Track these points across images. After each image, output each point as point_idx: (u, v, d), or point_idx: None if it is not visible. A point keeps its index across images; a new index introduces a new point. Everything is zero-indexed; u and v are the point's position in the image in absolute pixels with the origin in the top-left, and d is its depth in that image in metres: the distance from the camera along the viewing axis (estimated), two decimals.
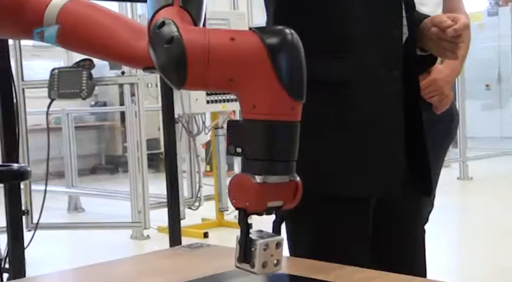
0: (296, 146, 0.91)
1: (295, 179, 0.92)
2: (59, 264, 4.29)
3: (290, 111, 0.89)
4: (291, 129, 0.90)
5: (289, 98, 0.88)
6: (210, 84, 0.91)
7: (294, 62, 0.89)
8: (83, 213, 6.31)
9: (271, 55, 0.88)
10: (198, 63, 0.89)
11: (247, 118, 0.90)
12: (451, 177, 7.29)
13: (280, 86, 0.88)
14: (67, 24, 1.26)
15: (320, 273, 1.06)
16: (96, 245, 4.84)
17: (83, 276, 1.12)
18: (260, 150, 0.89)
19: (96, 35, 1.14)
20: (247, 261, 0.91)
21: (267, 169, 0.89)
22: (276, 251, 0.92)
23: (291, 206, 0.93)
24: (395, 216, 1.55)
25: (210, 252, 1.26)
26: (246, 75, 0.89)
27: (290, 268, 1.10)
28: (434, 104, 2.07)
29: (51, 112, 4.16)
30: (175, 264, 1.18)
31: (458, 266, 4.17)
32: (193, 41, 0.90)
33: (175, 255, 1.27)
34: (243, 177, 0.90)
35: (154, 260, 1.24)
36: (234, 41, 0.90)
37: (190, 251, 1.26)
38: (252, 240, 0.91)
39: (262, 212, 0.90)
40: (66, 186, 6.33)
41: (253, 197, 0.89)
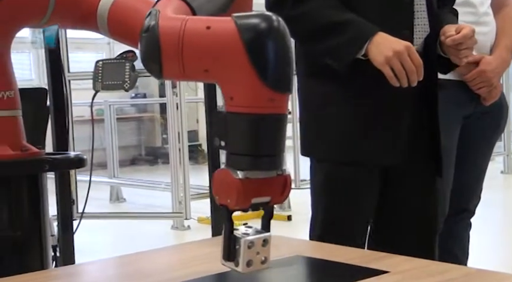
0: (282, 140, 0.86)
1: (283, 173, 0.87)
2: (102, 252, 4.38)
3: (269, 104, 0.83)
4: (272, 122, 0.84)
5: (267, 89, 0.82)
6: (188, 74, 0.86)
7: (273, 51, 0.83)
8: (124, 203, 6.42)
9: (247, 44, 0.82)
10: (172, 52, 0.85)
11: (227, 110, 0.85)
12: (495, 170, 7.18)
13: (256, 76, 0.82)
14: (117, 16, 1.30)
15: (372, 262, 1.07)
16: (138, 234, 4.92)
17: (128, 264, 1.15)
18: (241, 145, 0.85)
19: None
20: (232, 260, 0.87)
21: (250, 164, 0.84)
22: (263, 249, 0.88)
23: (279, 202, 0.89)
24: (405, 195, 1.65)
25: None
26: (221, 66, 0.84)
27: (340, 256, 1.12)
28: (483, 95, 2.05)
29: (93, 104, 4.22)
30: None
31: (502, 258, 4.11)
32: (167, 29, 0.86)
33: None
34: (225, 172, 0.85)
35: (201, 248, 1.26)
36: (209, 30, 0.84)
37: None
38: (236, 237, 0.87)
39: (247, 209, 0.86)
40: (109, 176, 6.44)
41: (234, 193, 0.85)
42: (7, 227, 1.27)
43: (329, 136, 1.62)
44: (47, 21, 1.31)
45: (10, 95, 1.29)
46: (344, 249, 1.20)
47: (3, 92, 1.27)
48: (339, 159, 1.61)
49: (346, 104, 1.59)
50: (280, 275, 1.06)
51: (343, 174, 1.62)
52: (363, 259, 1.10)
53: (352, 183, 1.62)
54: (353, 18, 1.53)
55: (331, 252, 1.15)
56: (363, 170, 1.61)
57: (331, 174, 1.64)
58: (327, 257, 1.12)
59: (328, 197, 1.65)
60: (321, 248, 1.19)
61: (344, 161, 1.61)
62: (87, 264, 1.20)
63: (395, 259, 1.09)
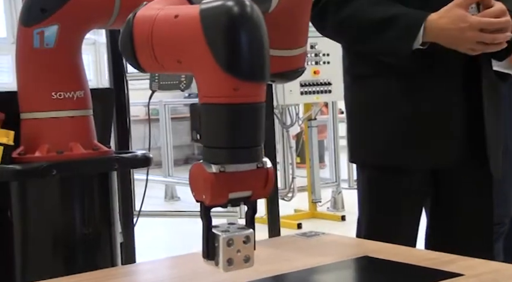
0: (256, 130, 0.81)
1: (264, 165, 0.82)
2: (157, 250, 4.44)
3: (233, 93, 0.78)
4: (240, 112, 0.79)
5: (230, 78, 0.78)
6: (164, 66, 0.84)
7: (234, 38, 0.78)
8: (178, 202, 6.49)
9: (206, 32, 0.78)
10: (143, 43, 0.83)
11: (200, 102, 0.81)
12: None
13: (217, 65, 0.78)
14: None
15: (444, 264, 1.05)
16: (192, 232, 4.96)
17: (193, 262, 1.15)
18: (212, 137, 0.81)
19: None
20: (212, 258, 0.83)
21: (222, 157, 0.80)
22: (245, 246, 0.83)
23: (263, 196, 0.84)
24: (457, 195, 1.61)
25: (327, 241, 1.27)
26: (189, 56, 0.80)
27: (409, 258, 1.10)
28: None
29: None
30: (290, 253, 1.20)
31: None
32: (141, 20, 0.83)
33: (290, 242, 1.29)
34: (199, 167, 0.81)
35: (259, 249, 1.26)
36: (176, 19, 0.81)
37: (306, 239, 1.28)
38: (215, 234, 0.82)
39: (225, 204, 0.82)
40: (163, 175, 6.52)
41: (209, 188, 0.80)
42: (79, 224, 1.30)
43: (373, 141, 1.59)
44: (113, 22, 1.33)
45: (80, 95, 1.32)
46: (412, 251, 1.18)
47: (73, 92, 1.30)
48: (382, 164, 1.59)
49: (393, 108, 1.56)
50: (352, 277, 1.05)
51: (387, 180, 1.60)
52: (433, 261, 1.08)
53: (396, 188, 1.59)
54: (400, 10, 1.50)
55: (400, 254, 1.13)
56: (408, 174, 1.58)
57: (374, 179, 1.62)
58: (395, 259, 1.10)
59: (372, 202, 1.64)
60: (388, 249, 1.17)
61: (388, 166, 1.58)
62: (151, 262, 1.21)
63: (469, 262, 1.06)
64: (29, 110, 1.30)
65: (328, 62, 4.80)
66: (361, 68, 1.61)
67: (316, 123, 5.50)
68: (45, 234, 1.30)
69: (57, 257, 1.30)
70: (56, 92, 1.28)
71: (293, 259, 1.14)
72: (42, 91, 1.29)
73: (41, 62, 1.29)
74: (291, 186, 5.35)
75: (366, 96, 1.60)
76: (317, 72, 4.79)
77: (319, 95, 4.95)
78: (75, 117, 1.31)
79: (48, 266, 1.29)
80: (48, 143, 1.28)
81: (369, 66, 1.58)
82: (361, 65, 1.61)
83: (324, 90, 4.92)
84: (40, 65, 1.30)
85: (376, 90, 1.58)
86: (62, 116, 1.29)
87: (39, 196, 1.30)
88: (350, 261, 1.10)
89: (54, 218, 1.30)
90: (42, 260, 1.30)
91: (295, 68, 1.19)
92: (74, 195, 1.31)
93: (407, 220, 1.63)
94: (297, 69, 1.19)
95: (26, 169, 1.24)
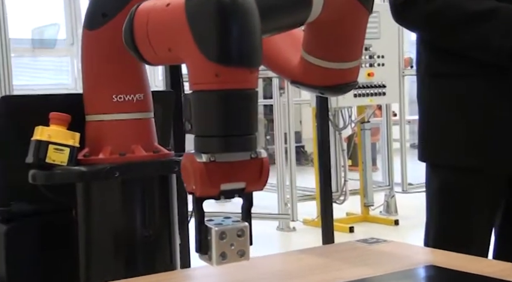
0: (248, 118, 0.79)
1: (258, 156, 0.80)
2: None
3: (214, 79, 0.76)
4: (226, 99, 0.77)
5: (210, 63, 0.76)
6: (159, 55, 0.82)
7: (215, 23, 0.76)
8: (229, 203, 6.51)
9: (188, 18, 0.77)
10: (141, 33, 0.82)
11: (189, 90, 0.80)
12: None
13: (198, 51, 0.76)
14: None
15: None
16: None
17: (240, 271, 1.14)
18: (201, 126, 0.78)
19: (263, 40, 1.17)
20: (205, 252, 0.80)
21: (214, 146, 0.77)
22: (239, 240, 0.79)
23: (258, 188, 0.81)
24: None
25: (389, 248, 1.25)
26: (177, 43, 0.80)
27: (478, 268, 1.07)
28: None
29: None
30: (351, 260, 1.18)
31: None
32: (141, 12, 0.83)
33: (351, 250, 1.27)
34: (189, 157, 0.78)
35: (338, 253, 1.24)
36: (168, 7, 0.80)
37: (367, 246, 1.26)
38: (208, 227, 0.79)
39: (217, 196, 0.80)
40: None
41: (198, 178, 0.77)
42: (140, 226, 1.31)
43: (452, 141, 1.55)
44: None
45: (140, 98, 1.33)
46: (482, 261, 1.14)
47: (133, 95, 1.31)
48: (461, 165, 1.54)
49: (477, 108, 1.51)
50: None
51: (462, 182, 1.55)
52: (505, 272, 1.04)
53: (471, 192, 1.55)
54: (497, 4, 1.43)
55: (468, 263, 1.10)
56: (486, 177, 1.54)
57: (449, 181, 1.57)
58: (463, 269, 1.07)
59: (444, 205, 1.59)
60: (456, 258, 1.14)
61: (465, 168, 1.54)
62: (206, 267, 1.21)
63: None
64: (92, 112, 1.32)
65: (382, 64, 4.74)
66: (443, 66, 1.55)
67: (369, 125, 5.44)
68: (108, 235, 1.31)
69: (118, 258, 1.32)
70: (117, 95, 1.29)
71: (354, 267, 1.12)
72: (103, 94, 1.30)
73: (102, 65, 1.31)
74: (343, 189, 5.31)
75: (448, 95, 1.55)
76: (371, 75, 4.73)
77: (373, 97, 4.89)
78: (136, 119, 1.32)
79: (110, 267, 1.30)
80: (111, 145, 1.29)
81: (453, 64, 1.53)
82: (443, 63, 1.55)
83: (378, 92, 4.86)
84: (101, 68, 1.31)
85: (459, 89, 1.52)
86: (122, 118, 1.31)
87: (102, 197, 1.31)
88: (414, 271, 1.07)
89: (116, 219, 1.31)
90: (105, 260, 1.31)
91: (346, 82, 1.16)
92: (135, 197, 1.32)
93: (480, 226, 1.57)
94: (349, 83, 1.16)
95: (90, 171, 1.26)
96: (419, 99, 1.64)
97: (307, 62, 1.15)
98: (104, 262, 1.31)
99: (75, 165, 1.26)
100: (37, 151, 1.24)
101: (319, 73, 1.14)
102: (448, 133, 1.56)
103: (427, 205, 1.64)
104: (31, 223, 1.37)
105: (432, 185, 1.62)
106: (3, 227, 1.35)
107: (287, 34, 1.17)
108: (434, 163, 1.61)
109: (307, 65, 1.15)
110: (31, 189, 1.29)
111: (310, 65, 1.14)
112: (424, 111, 1.63)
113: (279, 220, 5.15)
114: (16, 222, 1.36)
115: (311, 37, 1.14)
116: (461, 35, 1.47)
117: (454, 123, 1.55)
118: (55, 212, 1.37)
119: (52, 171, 1.25)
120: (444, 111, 1.57)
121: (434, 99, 1.60)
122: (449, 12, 1.46)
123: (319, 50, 1.13)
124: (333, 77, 1.14)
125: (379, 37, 4.50)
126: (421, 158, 1.63)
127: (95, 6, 1.33)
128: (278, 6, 0.99)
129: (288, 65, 1.19)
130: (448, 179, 1.57)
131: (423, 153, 1.62)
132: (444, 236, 1.57)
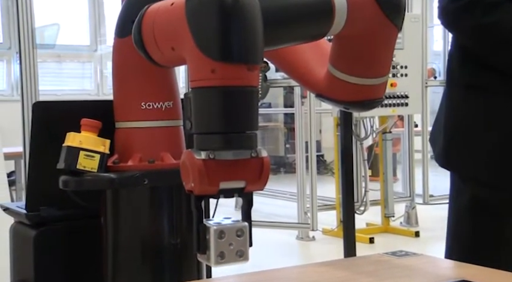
0: (248, 115, 0.77)
1: (259, 154, 0.78)
2: None
3: (211, 75, 0.75)
4: (224, 95, 0.76)
5: (206, 59, 0.75)
6: (165, 55, 0.82)
7: (212, 20, 0.76)
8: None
9: (187, 14, 0.77)
10: (148, 32, 0.83)
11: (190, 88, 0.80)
12: None
13: (196, 47, 0.76)
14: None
15: None
16: (263, 243, 4.97)
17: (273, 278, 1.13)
18: (199, 122, 0.78)
19: (290, 50, 1.15)
20: (203, 252, 0.79)
21: (213, 142, 0.76)
22: (238, 240, 0.78)
23: (258, 188, 0.79)
24: None
25: (419, 262, 1.23)
26: (178, 41, 0.80)
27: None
28: None
29: None
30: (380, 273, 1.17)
31: None
32: (149, 13, 0.84)
33: (381, 262, 1.26)
34: (188, 154, 0.77)
35: (362, 266, 1.23)
36: (172, 6, 0.81)
37: (397, 259, 1.24)
38: (206, 227, 0.78)
39: (216, 195, 0.78)
40: None
41: (197, 175, 0.76)
42: (168, 234, 1.31)
43: (486, 155, 1.52)
44: None
45: (169, 106, 1.33)
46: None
47: (162, 102, 1.32)
48: (494, 181, 1.51)
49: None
50: None
51: (493, 197, 1.51)
52: None
53: (501, 207, 1.51)
54: None
55: (499, 278, 1.08)
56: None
57: (482, 195, 1.53)
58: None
59: (472, 219, 1.55)
60: (487, 273, 1.12)
61: (499, 184, 1.50)
62: (226, 278, 1.20)
63: None
64: (122, 119, 1.33)
65: (405, 75, 4.72)
66: (483, 79, 1.52)
67: (391, 136, 5.41)
68: (135, 242, 1.31)
69: (145, 265, 1.32)
70: (145, 103, 1.30)
71: (385, 280, 1.11)
72: (133, 101, 1.31)
73: (131, 73, 1.31)
74: (364, 200, 5.28)
75: (485, 109, 1.52)
76: (394, 85, 4.71)
77: (396, 107, 4.86)
78: (165, 127, 1.32)
79: (137, 275, 1.30)
80: (140, 152, 1.30)
81: (494, 79, 1.49)
82: (483, 76, 1.51)
83: (400, 103, 4.83)
84: (130, 76, 1.32)
85: (497, 105, 1.49)
86: (151, 126, 1.31)
87: (131, 204, 1.32)
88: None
89: (144, 226, 1.31)
90: (132, 268, 1.32)
91: (372, 98, 1.15)
92: (163, 204, 1.32)
93: (510, 244, 1.54)
94: (375, 99, 1.15)
95: (120, 178, 1.26)
96: (449, 106, 1.60)
97: (333, 76, 1.13)
98: (130, 269, 1.31)
99: (105, 172, 1.27)
100: (68, 157, 1.24)
101: (344, 88, 1.13)
102: (483, 147, 1.52)
103: (453, 216, 1.61)
104: (60, 228, 1.37)
105: (461, 198, 1.58)
106: (32, 231, 1.36)
107: (316, 46, 1.16)
108: (464, 176, 1.59)
109: (333, 79, 1.14)
110: (60, 195, 1.29)
111: (336, 79, 1.13)
112: (451, 118, 1.58)
113: (299, 229, 5.14)
114: (45, 227, 1.37)
115: (338, 51, 1.13)
116: (508, 53, 1.44)
117: (489, 138, 1.51)
118: (83, 218, 1.38)
119: (82, 177, 1.25)
120: (481, 123, 1.53)
121: (467, 110, 1.55)
122: (505, 27, 1.42)
123: (345, 65, 1.12)
124: (358, 92, 1.13)
125: (402, 47, 4.48)
126: (446, 166, 1.59)
127: (126, 14, 1.34)
128: (297, 16, 0.98)
129: (313, 78, 1.18)
130: (481, 192, 1.53)
131: (449, 163, 1.59)
132: (473, 249, 1.54)
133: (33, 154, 1.39)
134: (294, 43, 1.07)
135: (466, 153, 1.56)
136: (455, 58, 1.58)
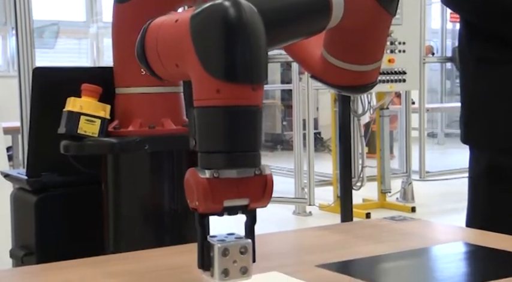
0: (252, 135, 0.78)
1: (262, 172, 0.80)
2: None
3: (215, 95, 0.76)
4: (226, 115, 0.76)
5: (212, 79, 0.76)
6: (169, 71, 0.83)
7: (217, 39, 0.76)
8: None
9: (192, 32, 0.77)
10: (152, 48, 0.83)
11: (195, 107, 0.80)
12: None
13: (200, 66, 0.76)
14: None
15: None
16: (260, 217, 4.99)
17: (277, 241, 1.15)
18: (204, 142, 0.78)
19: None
20: (207, 269, 0.80)
21: (217, 161, 0.77)
22: (242, 257, 0.79)
23: (261, 205, 0.81)
24: None
25: (417, 225, 1.25)
26: (182, 59, 0.80)
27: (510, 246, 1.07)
28: None
29: None
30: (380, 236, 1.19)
31: None
32: (152, 27, 0.84)
33: (380, 226, 1.27)
34: (193, 172, 0.79)
35: (361, 229, 1.25)
36: (176, 23, 0.81)
37: (395, 223, 1.26)
38: (210, 244, 0.79)
39: (221, 213, 0.79)
40: None
41: (201, 194, 0.77)
42: (168, 199, 1.32)
43: (500, 122, 1.52)
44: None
45: None
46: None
47: None
48: (508, 149, 1.51)
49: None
50: (446, 261, 1.02)
51: (510, 165, 1.52)
52: None
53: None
54: None
55: (502, 241, 1.09)
56: None
57: (497, 162, 1.54)
58: (496, 246, 1.06)
59: (490, 189, 1.56)
60: (489, 236, 1.13)
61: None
62: None
63: None
64: (122, 85, 1.33)
65: (403, 51, 4.70)
66: (492, 51, 1.53)
67: (388, 112, 5.41)
68: (136, 207, 1.32)
69: (146, 230, 1.33)
70: None
71: (382, 242, 1.12)
72: (133, 67, 1.30)
73: (131, 38, 1.31)
74: (360, 175, 5.30)
75: (497, 80, 1.53)
76: (392, 61, 4.70)
77: (393, 84, 4.85)
78: (165, 93, 1.32)
79: (138, 240, 1.31)
80: (140, 117, 1.30)
81: (503, 48, 1.51)
82: (492, 48, 1.53)
83: (398, 79, 4.83)
84: (130, 41, 1.31)
85: (509, 75, 1.51)
86: (151, 92, 1.31)
87: (131, 169, 1.32)
88: (445, 246, 1.07)
89: (145, 191, 1.32)
90: (133, 233, 1.33)
91: (366, 83, 1.16)
92: (163, 170, 1.32)
93: None
94: (368, 84, 1.16)
95: (120, 142, 1.26)
96: (464, 82, 1.62)
97: (327, 61, 1.14)
98: (131, 234, 1.32)
99: (105, 137, 1.27)
100: (69, 122, 1.25)
101: (338, 73, 1.14)
102: (498, 115, 1.53)
103: (471, 186, 1.62)
104: (61, 194, 1.38)
105: (478, 167, 1.59)
106: (33, 197, 1.36)
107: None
108: (481, 145, 1.59)
109: (327, 63, 1.15)
110: (61, 161, 1.30)
111: (330, 64, 1.14)
112: (467, 94, 1.61)
113: (296, 204, 5.16)
114: (46, 193, 1.37)
115: (332, 39, 1.13)
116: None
117: (502, 106, 1.52)
118: (84, 184, 1.38)
119: (83, 142, 1.26)
120: (491, 93, 1.54)
121: (481, 83, 1.57)
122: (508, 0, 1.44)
123: (339, 52, 1.13)
124: (352, 77, 1.14)
125: (400, 23, 4.46)
126: (465, 141, 1.60)
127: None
128: (296, 16, 0.99)
129: (309, 59, 1.18)
130: (496, 160, 1.54)
131: (467, 136, 1.60)
132: (492, 217, 1.55)
133: (34, 120, 1.39)
134: (293, 41, 1.08)
135: (483, 123, 1.57)
136: (464, 36, 1.60)
